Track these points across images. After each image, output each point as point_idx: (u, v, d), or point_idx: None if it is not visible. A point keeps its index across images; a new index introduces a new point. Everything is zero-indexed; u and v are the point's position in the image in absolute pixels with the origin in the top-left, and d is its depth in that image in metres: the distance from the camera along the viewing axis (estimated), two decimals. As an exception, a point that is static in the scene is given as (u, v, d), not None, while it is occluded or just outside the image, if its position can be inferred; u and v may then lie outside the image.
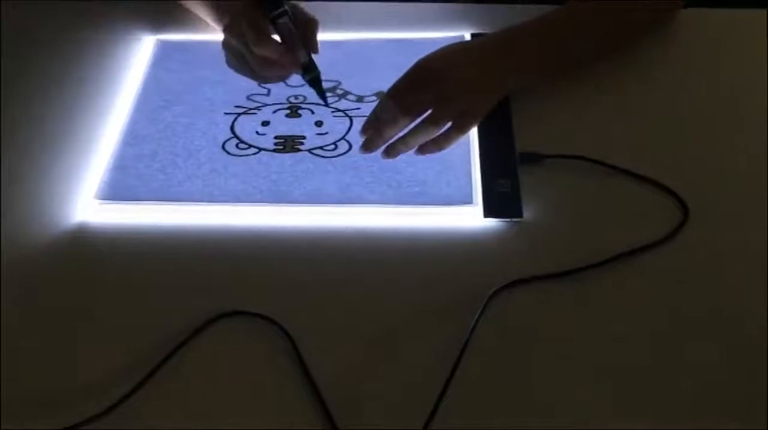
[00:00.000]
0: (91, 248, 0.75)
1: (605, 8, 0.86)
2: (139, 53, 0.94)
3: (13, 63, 0.93)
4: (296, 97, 0.87)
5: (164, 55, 0.93)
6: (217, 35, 0.92)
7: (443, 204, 0.75)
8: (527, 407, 0.62)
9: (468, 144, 0.81)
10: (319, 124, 0.84)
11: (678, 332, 0.66)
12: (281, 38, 0.81)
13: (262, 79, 0.86)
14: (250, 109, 0.86)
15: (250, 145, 0.82)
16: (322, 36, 0.84)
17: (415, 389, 0.62)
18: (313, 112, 0.85)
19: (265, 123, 0.85)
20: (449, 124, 0.78)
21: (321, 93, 0.83)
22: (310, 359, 0.65)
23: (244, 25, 0.79)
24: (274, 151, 0.81)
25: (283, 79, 0.86)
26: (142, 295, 0.71)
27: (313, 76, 0.82)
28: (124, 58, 0.93)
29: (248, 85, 0.88)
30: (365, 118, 0.81)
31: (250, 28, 0.79)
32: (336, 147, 0.82)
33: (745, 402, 0.62)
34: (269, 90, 0.88)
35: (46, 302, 0.71)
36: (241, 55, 0.83)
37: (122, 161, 0.81)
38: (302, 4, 0.84)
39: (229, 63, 0.85)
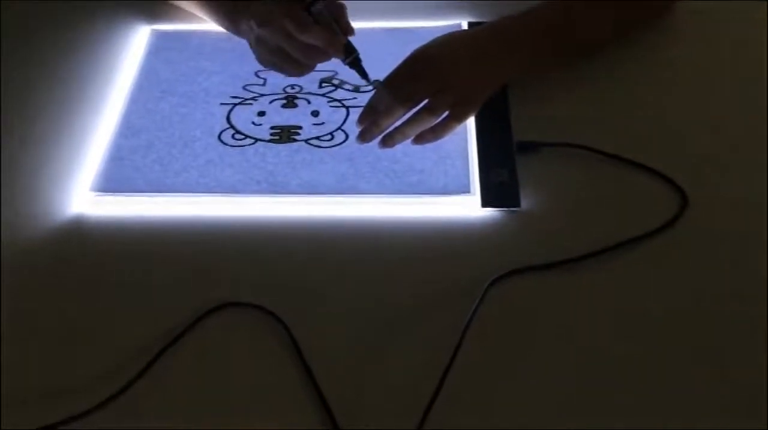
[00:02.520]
0: (87, 240, 0.74)
1: None
2: (134, 43, 0.93)
3: (8, 55, 0.92)
4: (292, 87, 0.87)
5: (159, 45, 0.93)
6: (213, 25, 0.92)
7: (440, 194, 0.75)
8: (526, 398, 0.62)
9: (465, 133, 0.81)
10: (315, 114, 0.84)
11: (677, 321, 0.66)
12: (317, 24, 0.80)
13: (303, 69, 0.83)
14: (246, 99, 0.86)
15: (247, 136, 0.82)
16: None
17: (414, 379, 0.62)
18: (309, 102, 0.85)
19: (261, 113, 0.84)
20: (446, 113, 0.78)
21: (363, 72, 0.81)
22: (307, 348, 0.65)
23: (281, 17, 0.79)
24: (270, 141, 0.81)
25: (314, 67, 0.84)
26: (139, 287, 0.70)
27: (353, 57, 0.81)
28: (119, 49, 0.93)
29: (244, 75, 0.88)
30: (362, 108, 0.81)
31: (290, 19, 0.78)
32: (332, 137, 0.81)
33: (746, 398, 0.61)
34: (265, 80, 0.88)
35: (43, 294, 0.70)
36: (279, 49, 0.81)
37: (118, 153, 0.80)
38: None
39: (263, 60, 0.84)
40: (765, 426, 0.59)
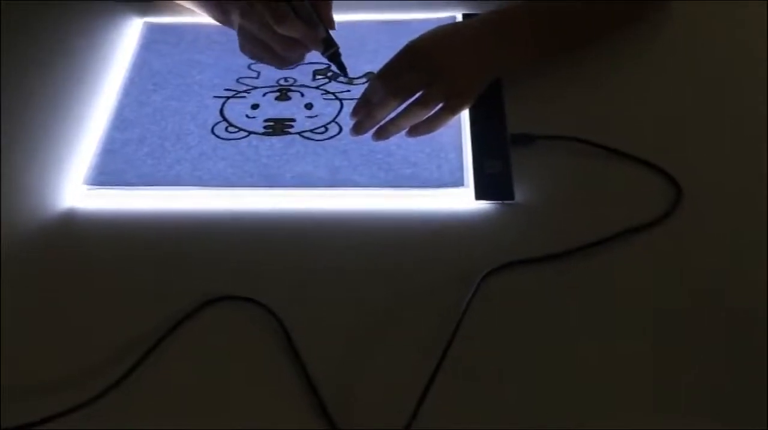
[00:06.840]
0: (80, 234, 0.74)
1: None
2: (127, 36, 0.93)
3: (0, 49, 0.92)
4: (286, 79, 0.86)
5: (152, 37, 0.92)
6: (206, 18, 0.91)
7: (434, 186, 0.75)
8: (520, 392, 0.62)
9: (459, 125, 0.80)
10: (308, 106, 0.83)
11: (673, 314, 0.66)
12: (298, 17, 0.80)
13: (282, 62, 0.84)
14: (240, 92, 0.85)
15: (240, 129, 0.81)
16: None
17: (407, 373, 0.62)
18: (302, 95, 0.85)
19: (255, 106, 0.84)
20: (440, 105, 0.78)
21: (341, 67, 0.83)
22: (300, 341, 0.64)
23: (261, 7, 0.79)
24: (263, 134, 0.81)
25: (302, 59, 0.85)
26: (131, 280, 0.70)
27: (332, 52, 0.82)
28: (112, 42, 0.92)
29: (237, 68, 0.87)
30: (356, 100, 0.80)
31: (269, 9, 0.78)
32: (326, 130, 0.81)
33: (744, 394, 0.61)
34: (259, 73, 0.87)
35: (34, 288, 0.70)
36: (258, 39, 0.82)
37: (111, 146, 0.80)
38: None
39: (244, 49, 0.84)
40: (765, 426, 0.59)
